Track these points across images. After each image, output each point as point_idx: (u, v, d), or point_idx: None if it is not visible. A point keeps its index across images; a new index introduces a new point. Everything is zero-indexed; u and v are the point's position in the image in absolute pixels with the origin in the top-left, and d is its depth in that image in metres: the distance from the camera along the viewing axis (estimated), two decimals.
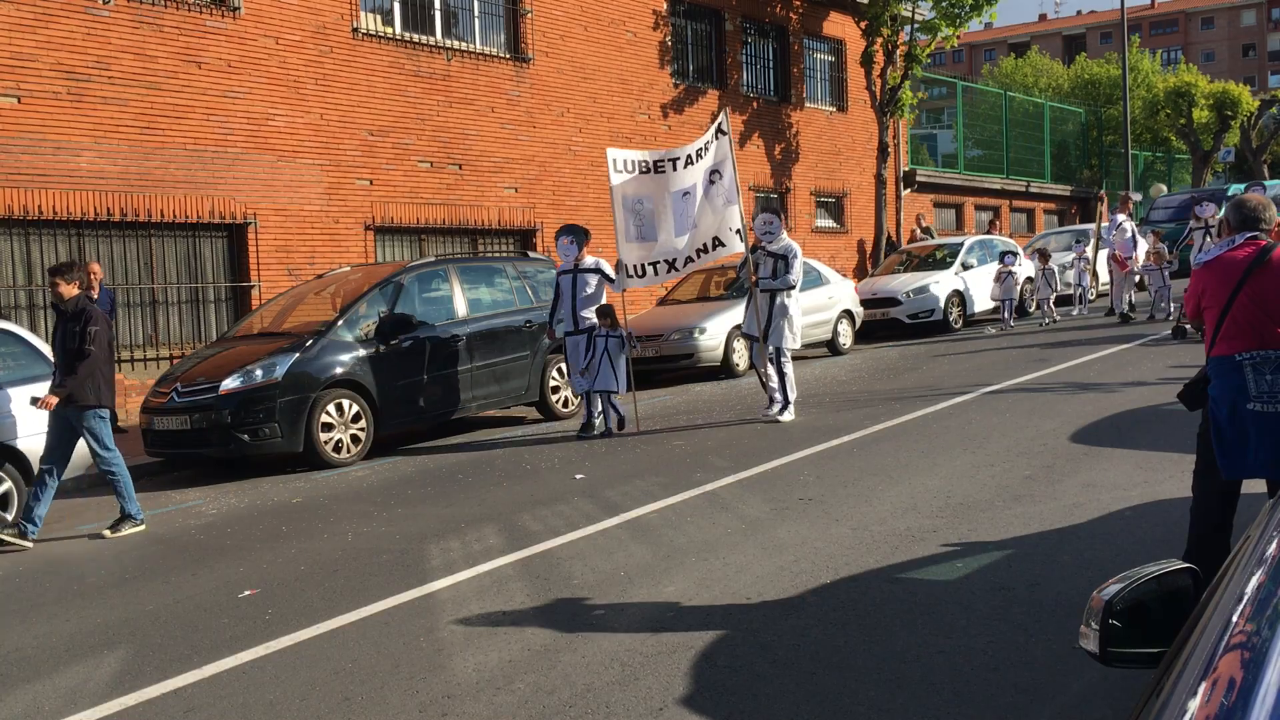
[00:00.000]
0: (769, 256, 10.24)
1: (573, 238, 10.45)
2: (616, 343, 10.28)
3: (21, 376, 8.24)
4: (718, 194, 10.42)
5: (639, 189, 10.46)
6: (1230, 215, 4.63)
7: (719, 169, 10.43)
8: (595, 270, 10.49)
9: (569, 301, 10.43)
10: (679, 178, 10.40)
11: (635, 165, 10.48)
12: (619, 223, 10.50)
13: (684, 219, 10.43)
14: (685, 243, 10.47)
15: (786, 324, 10.20)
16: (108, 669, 4.86)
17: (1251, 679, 1.32)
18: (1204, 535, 4.59)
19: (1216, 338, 4.44)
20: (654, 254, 10.49)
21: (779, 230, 10.33)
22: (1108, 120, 38.84)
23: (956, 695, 3.80)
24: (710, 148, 10.41)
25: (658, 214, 10.45)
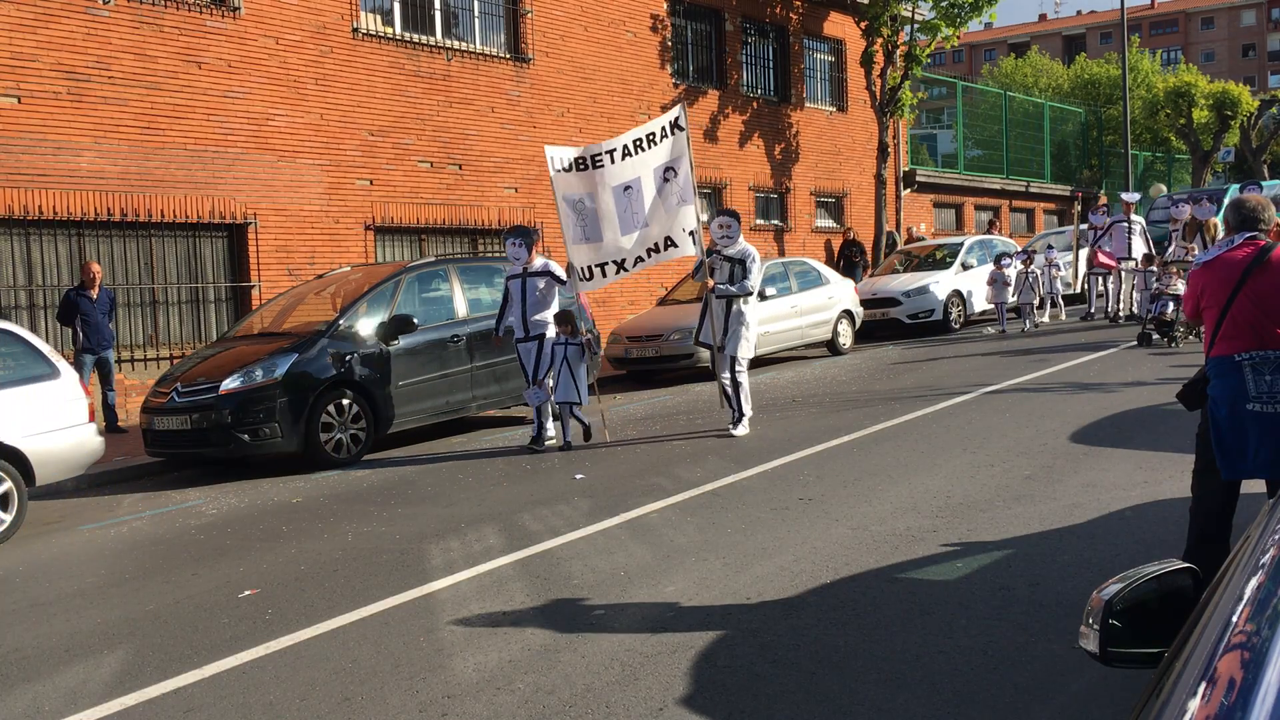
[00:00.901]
0: (726, 261, 9.67)
1: (520, 239, 9.87)
2: (576, 351, 9.68)
3: (21, 376, 8.23)
4: (671, 192, 9.78)
5: (580, 186, 9.87)
6: (1229, 215, 4.63)
7: (674, 166, 9.76)
8: (545, 273, 9.88)
9: (519, 306, 9.84)
10: (617, 171, 9.72)
11: (573, 162, 9.86)
12: (564, 224, 9.95)
13: (630, 217, 9.80)
14: (634, 242, 9.86)
15: (743, 332, 9.67)
16: (108, 669, 4.86)
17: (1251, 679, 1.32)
18: (1204, 535, 4.59)
19: (1216, 338, 4.44)
20: (601, 255, 9.92)
21: (737, 233, 9.72)
22: (1108, 120, 38.84)
23: (956, 695, 3.80)
24: (663, 142, 9.75)
25: (600, 212, 9.83)
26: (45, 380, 8.32)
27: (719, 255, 9.69)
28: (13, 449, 7.95)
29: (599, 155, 9.76)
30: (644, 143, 9.72)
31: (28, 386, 8.19)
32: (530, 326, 9.84)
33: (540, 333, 9.79)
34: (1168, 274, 13.46)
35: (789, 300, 15.52)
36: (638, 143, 9.70)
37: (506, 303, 10.06)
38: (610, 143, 9.87)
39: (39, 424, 8.12)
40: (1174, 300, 13.01)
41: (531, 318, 9.83)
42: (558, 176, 9.86)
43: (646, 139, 9.72)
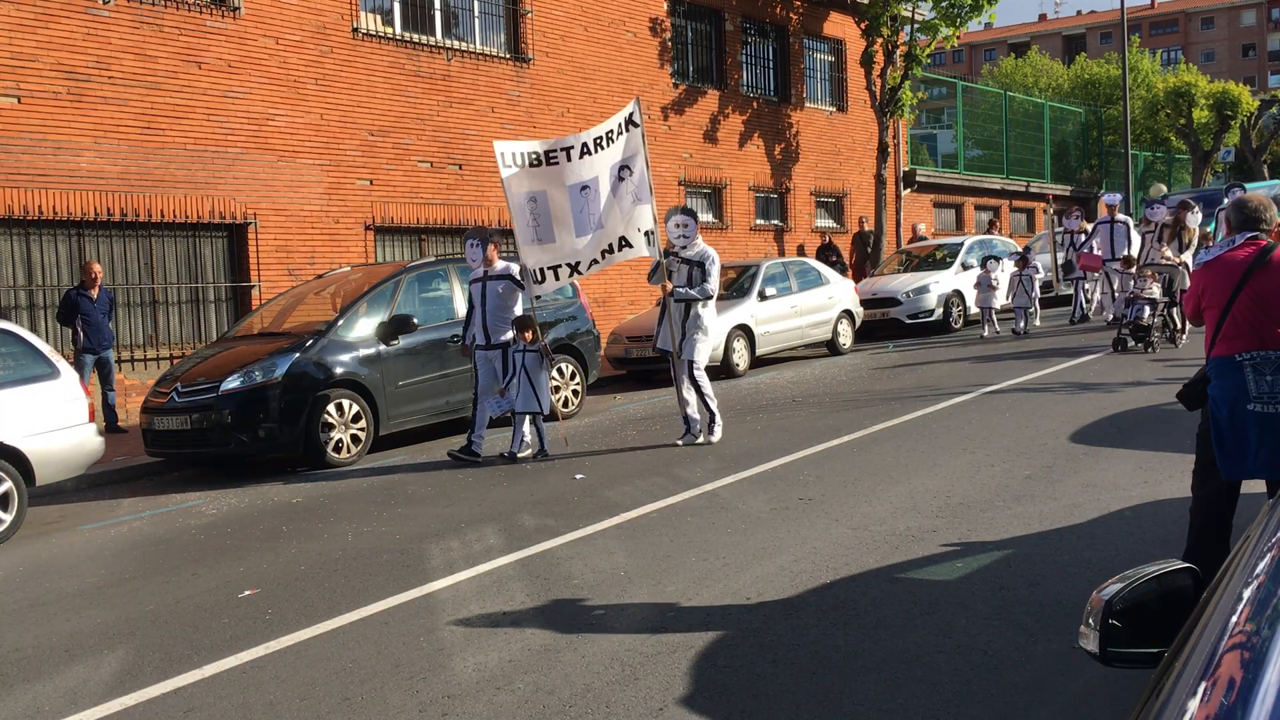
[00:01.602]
0: (683, 263, 9.27)
1: (477, 240, 9.44)
2: (535, 358, 9.22)
3: (21, 376, 8.23)
4: (626, 191, 9.26)
5: (531, 184, 9.34)
6: (1230, 215, 4.63)
7: (629, 164, 9.25)
8: (505, 276, 9.43)
9: (479, 312, 9.42)
10: (574, 169, 9.23)
11: (524, 158, 9.31)
12: (517, 225, 9.44)
13: (585, 217, 9.31)
14: (588, 244, 9.36)
15: (701, 337, 9.29)
16: (108, 669, 4.86)
17: (1251, 679, 1.32)
18: (1204, 535, 4.59)
19: (1217, 338, 4.44)
20: (555, 257, 9.43)
21: (695, 234, 9.32)
22: (1108, 120, 38.85)
23: (956, 695, 3.80)
24: (619, 140, 9.24)
25: (554, 212, 9.35)
26: (45, 380, 8.32)
27: (676, 257, 9.33)
28: (13, 449, 7.95)
29: (554, 152, 9.27)
30: (602, 141, 9.25)
31: (28, 386, 8.20)
32: (492, 333, 9.41)
33: (503, 340, 9.40)
34: (1143, 277, 13.14)
35: (789, 300, 15.52)
36: (597, 141, 9.24)
37: (471, 309, 9.66)
38: (567, 140, 9.39)
39: (39, 424, 8.13)
40: (1149, 304, 12.74)
41: (492, 324, 9.40)
42: (508, 174, 9.33)
43: (605, 137, 9.25)
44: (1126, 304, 13.18)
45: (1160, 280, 13.06)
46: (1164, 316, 13.06)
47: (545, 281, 9.52)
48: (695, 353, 9.24)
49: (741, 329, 14.60)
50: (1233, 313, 4.38)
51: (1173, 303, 13.04)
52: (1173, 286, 13.01)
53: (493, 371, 9.41)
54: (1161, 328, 13.04)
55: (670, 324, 9.25)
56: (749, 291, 15.09)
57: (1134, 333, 12.81)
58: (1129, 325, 12.85)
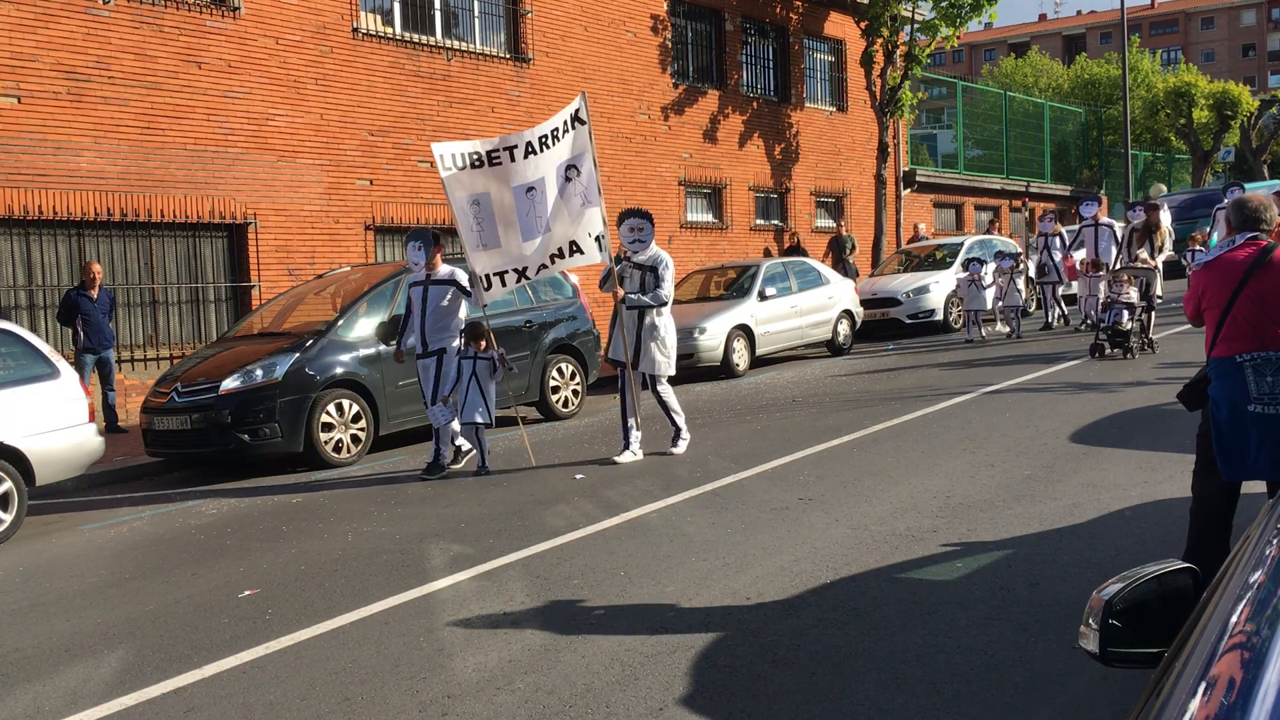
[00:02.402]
0: (636, 269, 8.80)
1: (420, 242, 8.91)
2: (486, 367, 8.78)
3: (21, 376, 8.23)
4: (575, 193, 8.86)
5: (474, 185, 8.86)
6: (1231, 215, 4.62)
7: (576, 164, 8.84)
8: (449, 281, 8.91)
9: (418, 318, 8.90)
10: (519, 169, 8.78)
11: (465, 158, 8.82)
12: (462, 230, 8.94)
13: (532, 220, 8.87)
14: (536, 248, 8.93)
15: (657, 347, 8.81)
16: (108, 669, 4.86)
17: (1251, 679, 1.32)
18: (1204, 535, 4.59)
19: (1217, 339, 4.44)
20: (501, 262, 8.96)
21: (649, 238, 8.84)
22: (1108, 120, 38.86)
23: (956, 695, 3.80)
24: (565, 138, 8.82)
25: (498, 215, 8.88)
26: (45, 380, 8.32)
27: (629, 263, 8.84)
28: (13, 449, 7.95)
29: (496, 152, 8.80)
30: (548, 139, 8.81)
31: (28, 386, 8.20)
32: (430, 340, 8.87)
33: (441, 347, 8.85)
34: (1119, 281, 12.74)
35: (789, 300, 15.52)
36: (542, 139, 8.79)
37: (409, 314, 9.13)
38: (510, 139, 8.92)
39: (39, 424, 8.12)
40: (1127, 309, 12.36)
41: (431, 331, 8.87)
42: (449, 177, 8.83)
43: (550, 135, 8.82)
44: (1103, 308, 12.78)
45: (1137, 284, 12.67)
46: (1142, 321, 12.66)
47: (492, 288, 9.05)
48: (655, 366, 8.82)
49: (741, 329, 14.60)
50: (1233, 313, 4.38)
51: (1150, 307, 12.72)
52: (1149, 290, 12.68)
53: (429, 379, 8.91)
54: (1140, 333, 12.63)
55: (622, 333, 8.79)
56: (749, 291, 15.10)
57: (1112, 338, 12.43)
58: (1107, 331, 12.46)
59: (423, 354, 8.92)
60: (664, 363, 8.88)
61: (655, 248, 8.91)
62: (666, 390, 8.96)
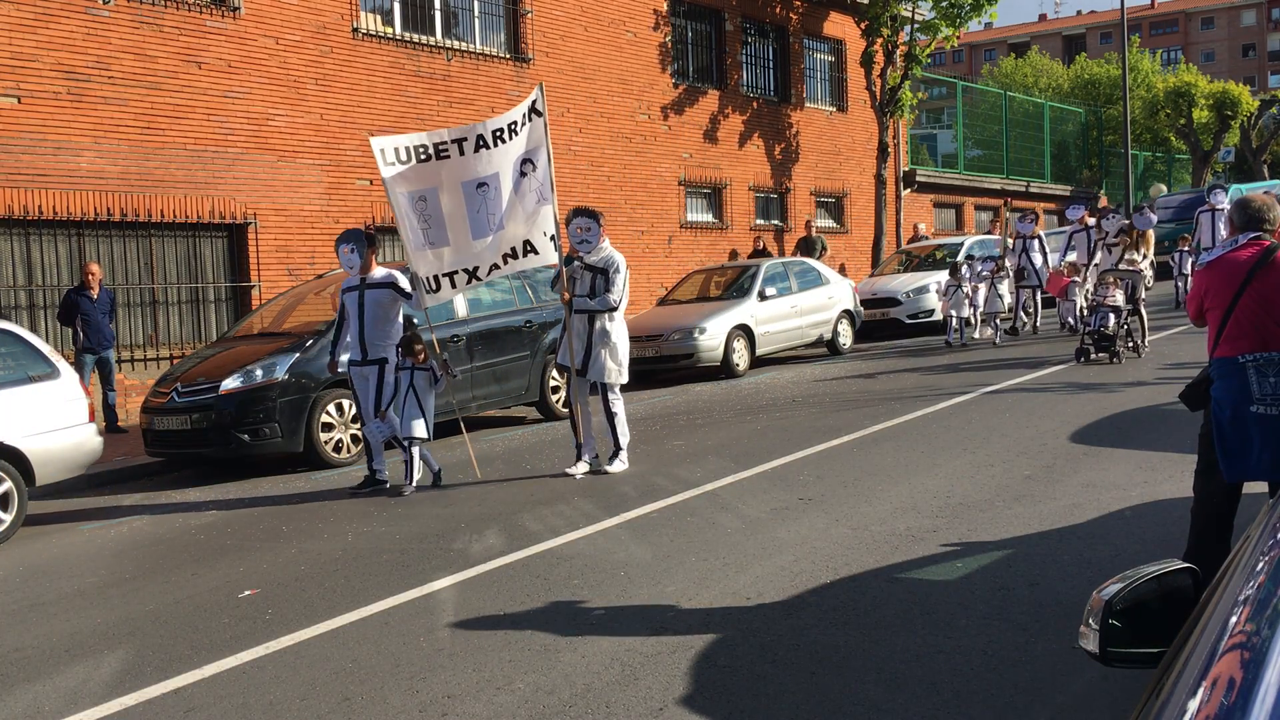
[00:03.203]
0: (586, 270, 8.30)
1: (353, 245, 8.40)
2: (425, 378, 8.32)
3: (21, 376, 8.24)
4: (530, 189, 8.35)
5: (419, 181, 8.36)
6: (1234, 216, 4.62)
7: (532, 158, 8.33)
8: (387, 285, 8.43)
9: (355, 324, 8.40)
10: (469, 164, 8.30)
11: (410, 153, 8.32)
12: (403, 228, 8.49)
13: (484, 218, 8.38)
14: (488, 247, 8.43)
15: (608, 354, 8.30)
16: (108, 669, 4.86)
17: (1251, 679, 1.32)
18: (1204, 535, 4.59)
19: (1220, 339, 4.43)
20: (449, 263, 8.47)
21: (598, 238, 8.29)
22: (1108, 120, 38.86)
23: (956, 695, 3.80)
24: (522, 131, 8.31)
25: (447, 212, 8.39)
26: (45, 380, 8.32)
27: (579, 263, 8.35)
28: (13, 449, 7.95)
29: (443, 145, 8.30)
30: (503, 133, 8.28)
31: (28, 386, 8.20)
32: (369, 349, 8.36)
33: (381, 356, 8.36)
34: (1105, 285, 12.47)
35: (789, 300, 15.53)
36: (497, 134, 8.29)
37: (343, 321, 8.61)
38: (459, 131, 8.41)
39: (39, 424, 8.12)
40: (1114, 312, 12.06)
41: (370, 339, 8.36)
42: (390, 173, 8.35)
43: (507, 129, 8.29)
44: (1090, 312, 12.52)
45: (1124, 287, 12.38)
46: (1128, 325, 12.37)
47: (440, 290, 8.55)
48: (605, 374, 8.32)
49: (741, 329, 14.61)
50: (1236, 314, 4.38)
51: (1136, 310, 12.46)
52: (1135, 293, 12.45)
53: (368, 390, 8.41)
54: (1126, 337, 12.33)
55: (570, 338, 8.33)
56: (749, 291, 15.10)
57: (1098, 343, 12.14)
58: (1093, 335, 12.18)
59: (360, 362, 8.41)
60: (615, 370, 8.35)
61: (609, 249, 8.40)
62: (617, 401, 8.40)
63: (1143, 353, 12.44)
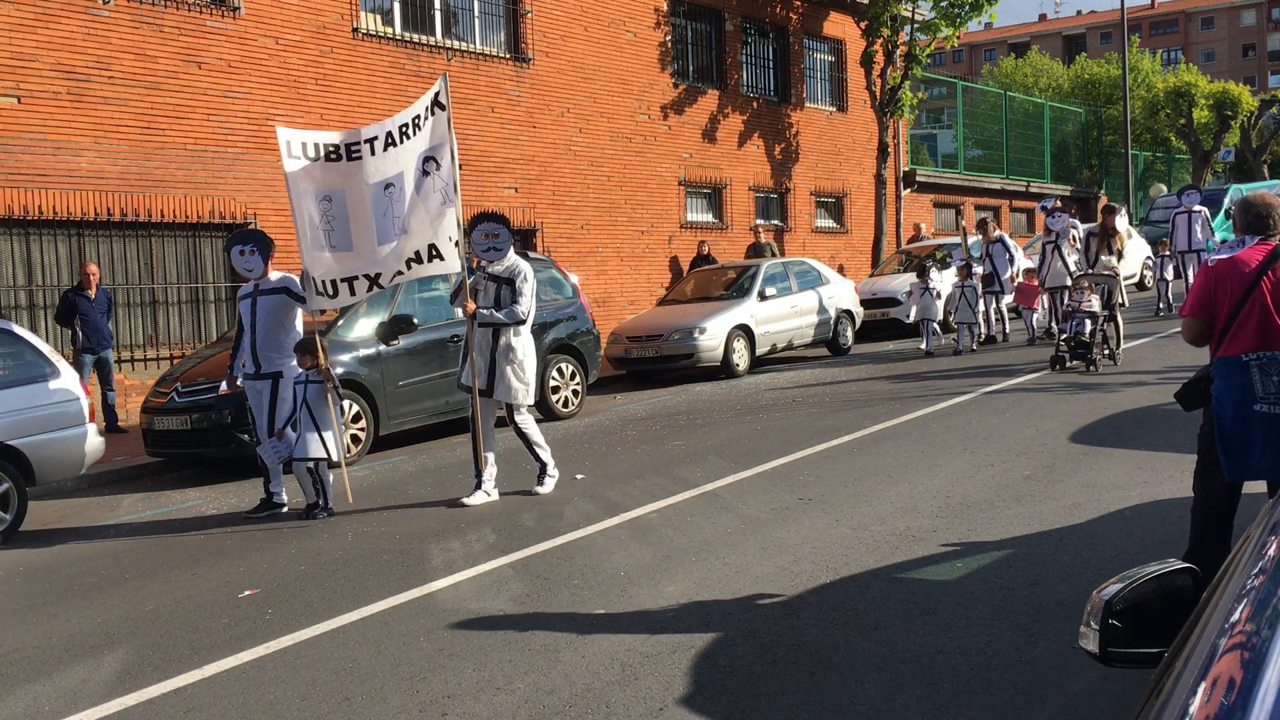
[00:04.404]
0: (491, 280, 7.69)
1: (253, 246, 7.85)
2: (319, 391, 7.56)
3: (21, 376, 8.23)
4: (433, 189, 7.78)
5: (326, 181, 7.84)
6: (1238, 217, 4.63)
7: (435, 155, 7.78)
8: (281, 290, 7.86)
9: (248, 334, 7.82)
10: (378, 165, 7.78)
11: (319, 149, 7.81)
12: (299, 226, 7.91)
13: (389, 221, 7.81)
14: (391, 252, 7.82)
15: (514, 372, 7.65)
16: (108, 669, 4.86)
17: (1251, 679, 1.32)
18: (1205, 535, 4.59)
19: (1223, 338, 4.44)
20: (352, 267, 7.87)
21: (507, 245, 7.74)
22: (1108, 120, 38.86)
23: (956, 695, 3.80)
24: (426, 125, 7.78)
25: (352, 215, 7.82)
26: (45, 380, 8.32)
27: (483, 273, 7.77)
28: (13, 449, 7.95)
29: (355, 145, 7.79)
30: (408, 129, 7.77)
31: (28, 386, 8.19)
32: (263, 360, 7.77)
33: (276, 370, 7.77)
34: (1081, 290, 12.00)
35: (789, 300, 15.53)
36: (403, 129, 7.77)
37: (241, 333, 7.98)
38: (370, 129, 7.91)
39: (39, 424, 8.12)
40: (1089, 318, 11.61)
41: (264, 350, 7.78)
42: (295, 167, 7.82)
43: (411, 123, 7.78)
44: (1064, 317, 12.03)
45: (1099, 292, 11.94)
46: (1104, 332, 11.85)
47: (338, 295, 7.95)
48: (512, 394, 7.66)
49: (741, 329, 14.61)
50: (1241, 314, 4.39)
51: (1112, 317, 11.98)
52: (1111, 299, 11.95)
53: (262, 406, 7.80)
54: (1102, 343, 11.79)
55: (472, 355, 7.68)
56: (749, 291, 15.10)
57: (1073, 350, 11.66)
58: (1069, 341, 11.70)
59: (255, 375, 7.79)
60: (521, 390, 7.70)
61: (514, 257, 7.81)
62: (526, 421, 7.79)
63: (1118, 359, 11.95)
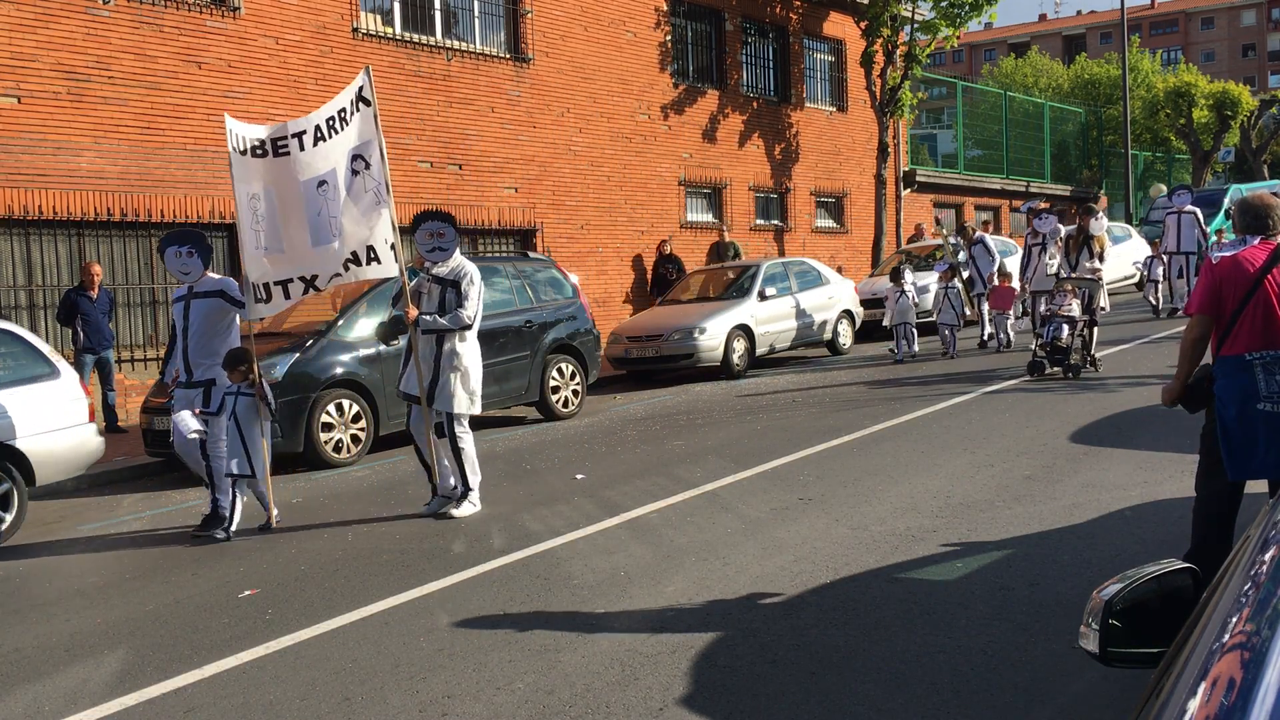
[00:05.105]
0: (436, 283, 7.29)
1: (191, 248, 7.40)
2: (249, 404, 7.24)
3: (21, 376, 8.23)
4: (363, 189, 7.38)
5: (254, 180, 7.42)
6: (1238, 218, 4.64)
7: (363, 153, 7.34)
8: (217, 293, 7.41)
9: (180, 340, 7.40)
10: (310, 160, 7.32)
11: (246, 144, 7.40)
12: (241, 226, 7.53)
13: (324, 221, 7.37)
14: (328, 254, 7.40)
15: (458, 380, 7.24)
16: (108, 669, 4.86)
17: (1251, 679, 1.32)
18: (1206, 535, 4.59)
19: (1227, 337, 4.44)
20: (283, 270, 7.46)
21: (452, 246, 7.31)
22: (1108, 120, 38.85)
23: (956, 695, 3.80)
24: (353, 120, 7.32)
25: (283, 215, 7.41)
26: (45, 380, 8.31)
27: (426, 275, 7.38)
28: (13, 449, 7.95)
29: (282, 140, 7.33)
30: (335, 122, 7.31)
31: (28, 386, 8.19)
32: (194, 368, 7.32)
33: (208, 378, 7.34)
34: (1062, 293, 11.60)
35: (789, 300, 15.53)
36: (330, 122, 7.31)
37: (173, 338, 7.62)
38: (299, 123, 7.42)
39: (39, 424, 8.12)
40: (1068, 323, 11.23)
41: (196, 357, 7.32)
42: (236, 159, 7.41)
43: (337, 117, 7.32)
44: (1043, 322, 11.64)
45: (1080, 296, 11.55)
46: (1084, 336, 11.45)
47: (273, 300, 7.53)
48: (453, 403, 7.22)
49: (741, 329, 14.61)
50: (1245, 312, 4.39)
51: (1092, 321, 11.55)
52: (1092, 303, 11.54)
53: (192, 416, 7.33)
54: (1081, 348, 11.43)
55: (417, 362, 7.29)
56: (749, 291, 15.10)
57: (1051, 355, 11.29)
58: (1045, 346, 11.35)
59: (187, 384, 7.35)
60: (464, 399, 7.27)
61: (460, 258, 7.40)
62: (464, 436, 7.30)
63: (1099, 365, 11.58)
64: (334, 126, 7.31)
